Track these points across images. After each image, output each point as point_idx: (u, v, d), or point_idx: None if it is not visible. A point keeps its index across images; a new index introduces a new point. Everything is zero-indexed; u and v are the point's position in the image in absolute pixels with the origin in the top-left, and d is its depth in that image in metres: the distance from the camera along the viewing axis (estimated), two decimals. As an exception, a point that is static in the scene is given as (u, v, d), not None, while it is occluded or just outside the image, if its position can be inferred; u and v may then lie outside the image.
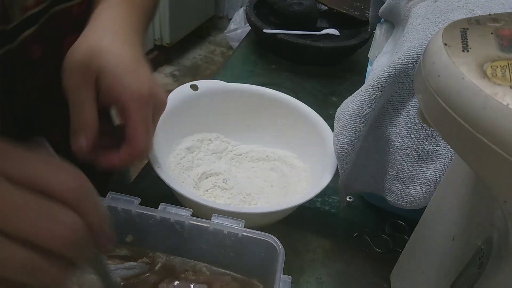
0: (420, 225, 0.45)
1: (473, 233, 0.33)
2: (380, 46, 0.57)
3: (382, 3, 0.59)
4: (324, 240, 0.56)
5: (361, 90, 0.45)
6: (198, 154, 0.60)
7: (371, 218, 0.60)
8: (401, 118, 0.45)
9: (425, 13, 0.44)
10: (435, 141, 0.44)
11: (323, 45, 0.87)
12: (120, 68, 0.41)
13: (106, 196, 0.41)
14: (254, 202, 0.56)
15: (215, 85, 0.61)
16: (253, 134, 0.64)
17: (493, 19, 0.27)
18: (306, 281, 0.52)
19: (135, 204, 0.40)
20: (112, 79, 0.40)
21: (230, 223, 0.39)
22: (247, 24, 2.16)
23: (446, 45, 0.25)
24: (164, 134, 0.54)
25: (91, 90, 0.40)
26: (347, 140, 0.46)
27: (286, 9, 0.92)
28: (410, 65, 0.42)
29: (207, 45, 2.81)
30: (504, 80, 0.22)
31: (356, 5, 0.99)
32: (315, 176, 0.56)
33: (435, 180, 0.45)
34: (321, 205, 0.61)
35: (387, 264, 0.52)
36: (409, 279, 0.45)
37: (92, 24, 0.45)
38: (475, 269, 0.31)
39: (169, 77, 2.48)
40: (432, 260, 0.40)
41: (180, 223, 0.40)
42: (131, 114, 0.40)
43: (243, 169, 0.61)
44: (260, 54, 0.94)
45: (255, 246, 0.39)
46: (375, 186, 0.51)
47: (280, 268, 0.36)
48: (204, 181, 0.58)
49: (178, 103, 0.57)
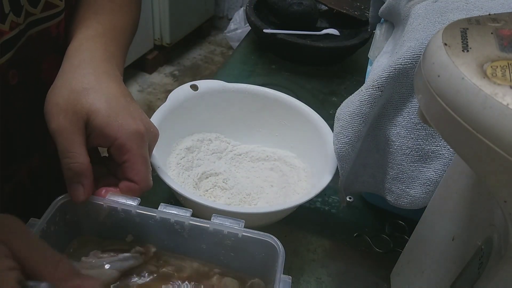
0: (420, 225, 0.45)
1: (473, 233, 0.33)
2: (380, 46, 0.57)
3: (382, 3, 0.59)
4: (324, 240, 0.56)
5: (361, 90, 0.45)
6: (198, 154, 0.60)
7: (371, 218, 0.60)
8: (401, 118, 0.45)
9: (425, 13, 0.44)
10: (435, 141, 0.44)
11: (323, 45, 0.87)
12: (112, 107, 0.39)
13: (106, 196, 0.41)
14: (254, 202, 0.56)
15: (215, 85, 0.61)
16: (253, 134, 0.64)
17: (493, 19, 0.27)
18: (306, 281, 0.52)
19: (135, 204, 0.40)
20: (106, 120, 0.38)
21: (230, 223, 0.39)
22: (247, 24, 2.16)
23: (446, 45, 0.25)
24: (164, 134, 0.54)
25: (81, 134, 0.38)
26: (347, 140, 0.46)
27: (286, 9, 0.92)
28: (410, 65, 0.42)
29: (207, 45, 2.81)
30: (504, 80, 0.22)
31: (356, 5, 0.99)
32: (315, 176, 0.56)
33: (435, 180, 0.45)
34: (321, 205, 0.61)
35: (387, 264, 0.52)
36: (409, 279, 0.45)
37: (70, 61, 0.43)
38: (475, 269, 0.31)
39: (169, 77, 2.48)
40: (432, 260, 0.40)
41: (180, 223, 0.40)
42: (132, 154, 0.39)
43: (243, 169, 0.61)
44: (260, 54, 0.94)
45: (255, 246, 0.39)
46: (375, 186, 0.51)
47: (280, 268, 0.36)
48: (204, 181, 0.58)
49: (178, 103, 0.57)
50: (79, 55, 0.43)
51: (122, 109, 0.40)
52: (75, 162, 0.38)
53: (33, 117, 0.50)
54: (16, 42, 0.43)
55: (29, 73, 0.47)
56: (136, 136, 0.40)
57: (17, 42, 0.44)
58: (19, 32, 0.43)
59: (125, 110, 0.40)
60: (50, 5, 0.46)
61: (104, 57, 0.44)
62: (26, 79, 0.47)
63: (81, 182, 0.38)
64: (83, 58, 0.43)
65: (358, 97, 0.45)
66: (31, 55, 0.46)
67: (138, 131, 0.40)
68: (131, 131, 0.39)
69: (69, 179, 0.38)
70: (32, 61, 0.47)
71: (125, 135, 0.39)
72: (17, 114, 0.48)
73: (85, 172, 0.38)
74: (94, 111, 0.39)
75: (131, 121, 0.40)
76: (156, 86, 2.39)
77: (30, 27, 0.45)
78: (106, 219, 0.41)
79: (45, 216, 0.38)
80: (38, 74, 0.48)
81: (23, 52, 0.45)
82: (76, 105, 0.38)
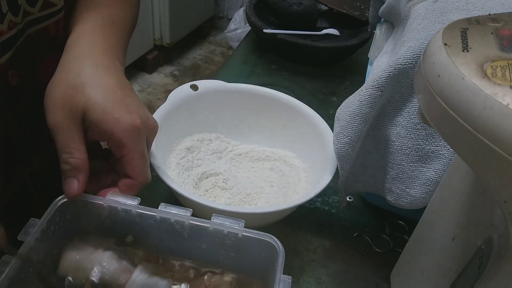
0: (420, 225, 0.45)
1: (473, 233, 0.33)
2: (380, 46, 0.57)
3: (382, 3, 0.59)
4: (324, 240, 0.56)
5: (361, 90, 0.45)
6: (198, 154, 0.60)
7: (371, 218, 0.60)
8: (401, 118, 0.45)
9: (425, 13, 0.44)
10: (435, 141, 0.44)
11: (323, 45, 0.87)
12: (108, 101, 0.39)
13: (106, 196, 0.41)
14: (254, 202, 0.56)
15: (215, 85, 0.61)
16: (253, 134, 0.64)
17: (493, 19, 0.27)
18: (306, 281, 0.52)
19: (135, 204, 0.40)
20: (102, 114, 0.38)
21: (230, 223, 0.39)
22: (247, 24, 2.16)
23: (446, 45, 0.25)
24: (164, 134, 0.54)
25: (79, 129, 0.38)
26: (347, 140, 0.46)
27: (286, 9, 0.92)
28: (410, 65, 0.42)
29: (207, 45, 2.81)
30: (504, 80, 0.22)
31: (356, 5, 0.99)
32: (315, 176, 0.56)
33: (435, 180, 0.45)
34: (321, 205, 0.61)
35: (387, 264, 0.52)
36: (409, 279, 0.45)
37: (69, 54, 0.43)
38: (475, 269, 0.31)
39: (169, 77, 2.48)
40: (432, 260, 0.40)
41: (180, 223, 0.40)
42: (128, 149, 0.39)
43: (243, 169, 0.61)
44: (260, 54, 0.94)
45: (255, 246, 0.39)
46: (375, 186, 0.51)
47: (280, 268, 0.36)
48: (204, 181, 0.58)
49: (178, 103, 0.57)
50: (77, 48, 0.43)
51: (118, 103, 0.40)
52: (72, 157, 0.38)
53: (32, 120, 0.50)
54: (15, 42, 0.43)
55: (28, 73, 0.47)
56: (132, 131, 0.39)
57: (16, 42, 0.43)
58: (17, 32, 0.43)
59: (122, 104, 0.40)
60: (48, 4, 0.46)
61: (103, 49, 0.44)
62: (26, 80, 0.47)
63: (76, 177, 0.38)
64: (81, 51, 0.43)
65: (358, 97, 0.45)
66: (30, 54, 0.46)
67: (134, 125, 0.39)
68: (127, 126, 0.39)
69: (65, 174, 0.39)
70: (31, 60, 0.47)
71: (120, 130, 0.39)
72: (18, 116, 0.48)
73: (81, 167, 0.38)
74: (90, 106, 0.38)
75: (127, 116, 0.39)
76: (156, 86, 2.39)
77: (28, 26, 0.45)
78: (106, 219, 0.41)
79: (45, 216, 0.38)
80: (38, 75, 0.48)
81: (22, 52, 0.45)
82: (72, 100, 0.38)
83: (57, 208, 0.39)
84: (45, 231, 0.37)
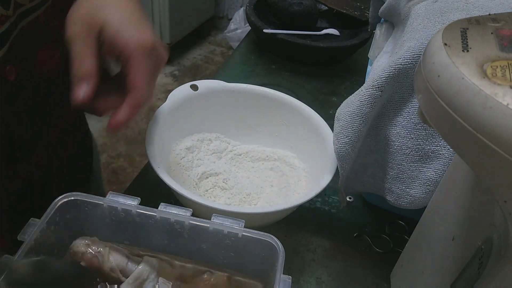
0: (420, 225, 0.45)
1: (473, 233, 0.33)
2: (380, 46, 0.57)
3: (382, 3, 0.59)
4: (324, 240, 0.56)
5: (361, 90, 0.45)
6: (198, 154, 0.60)
7: (371, 218, 0.60)
8: (401, 118, 0.45)
9: (425, 13, 0.44)
10: (435, 141, 0.44)
11: (323, 45, 0.87)
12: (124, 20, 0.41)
13: (106, 195, 0.41)
14: (254, 202, 0.56)
15: (215, 85, 0.61)
16: (253, 134, 0.64)
17: (493, 19, 0.27)
18: (306, 281, 0.52)
19: (135, 204, 0.40)
20: (117, 31, 0.41)
21: (230, 223, 0.39)
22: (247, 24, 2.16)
23: (446, 45, 0.25)
24: (164, 134, 0.54)
25: (94, 41, 0.41)
26: (347, 140, 0.46)
27: (286, 9, 0.92)
28: (410, 65, 0.42)
29: (207, 45, 2.81)
30: (504, 80, 0.22)
31: (356, 5, 0.99)
32: (315, 176, 0.56)
33: (435, 180, 0.45)
34: (321, 205, 0.61)
35: (387, 264, 0.52)
36: (409, 279, 0.45)
37: None
38: (475, 269, 0.31)
39: (169, 77, 2.48)
40: (432, 260, 0.40)
41: (180, 223, 0.40)
42: (135, 64, 0.41)
43: (243, 169, 0.61)
44: (260, 54, 0.94)
45: (255, 246, 0.39)
46: (375, 186, 0.51)
47: (280, 268, 0.36)
48: (204, 181, 0.58)
49: (178, 103, 0.57)
50: None
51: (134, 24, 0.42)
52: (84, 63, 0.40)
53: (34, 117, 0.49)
54: (9, 36, 0.44)
55: (25, 68, 0.47)
56: (141, 48, 0.41)
57: (10, 36, 0.44)
58: (10, 25, 0.44)
59: (137, 26, 0.42)
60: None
61: None
62: (24, 75, 0.47)
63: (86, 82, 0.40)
64: None
65: (358, 97, 0.45)
66: (25, 47, 0.47)
67: (145, 44, 0.41)
68: (138, 43, 0.41)
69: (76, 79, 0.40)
70: (26, 53, 0.48)
71: (131, 46, 0.40)
72: (18, 114, 0.48)
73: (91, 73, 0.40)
74: (107, 21, 0.40)
75: (140, 35, 0.41)
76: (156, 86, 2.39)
77: (20, 19, 0.45)
78: (106, 219, 0.41)
79: (45, 216, 0.38)
80: (35, 69, 0.49)
81: (17, 45, 0.45)
82: (92, 17, 0.41)
83: (57, 208, 0.39)
84: (45, 231, 0.37)
